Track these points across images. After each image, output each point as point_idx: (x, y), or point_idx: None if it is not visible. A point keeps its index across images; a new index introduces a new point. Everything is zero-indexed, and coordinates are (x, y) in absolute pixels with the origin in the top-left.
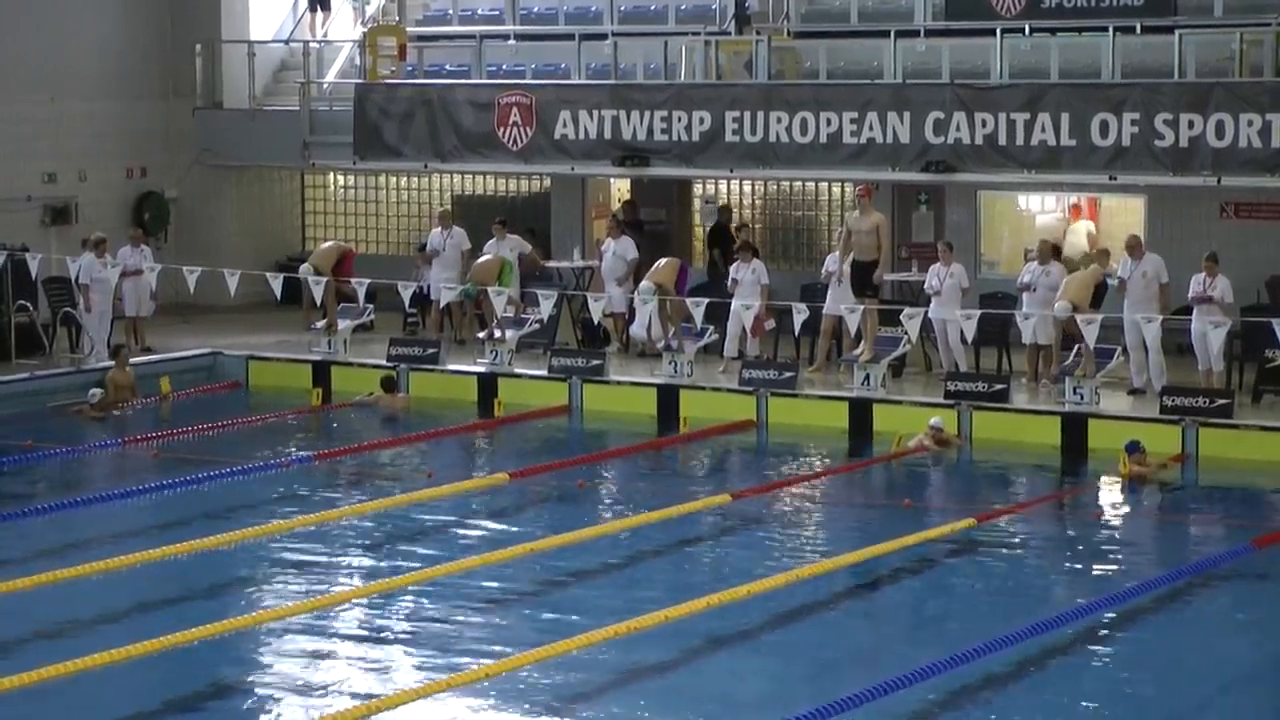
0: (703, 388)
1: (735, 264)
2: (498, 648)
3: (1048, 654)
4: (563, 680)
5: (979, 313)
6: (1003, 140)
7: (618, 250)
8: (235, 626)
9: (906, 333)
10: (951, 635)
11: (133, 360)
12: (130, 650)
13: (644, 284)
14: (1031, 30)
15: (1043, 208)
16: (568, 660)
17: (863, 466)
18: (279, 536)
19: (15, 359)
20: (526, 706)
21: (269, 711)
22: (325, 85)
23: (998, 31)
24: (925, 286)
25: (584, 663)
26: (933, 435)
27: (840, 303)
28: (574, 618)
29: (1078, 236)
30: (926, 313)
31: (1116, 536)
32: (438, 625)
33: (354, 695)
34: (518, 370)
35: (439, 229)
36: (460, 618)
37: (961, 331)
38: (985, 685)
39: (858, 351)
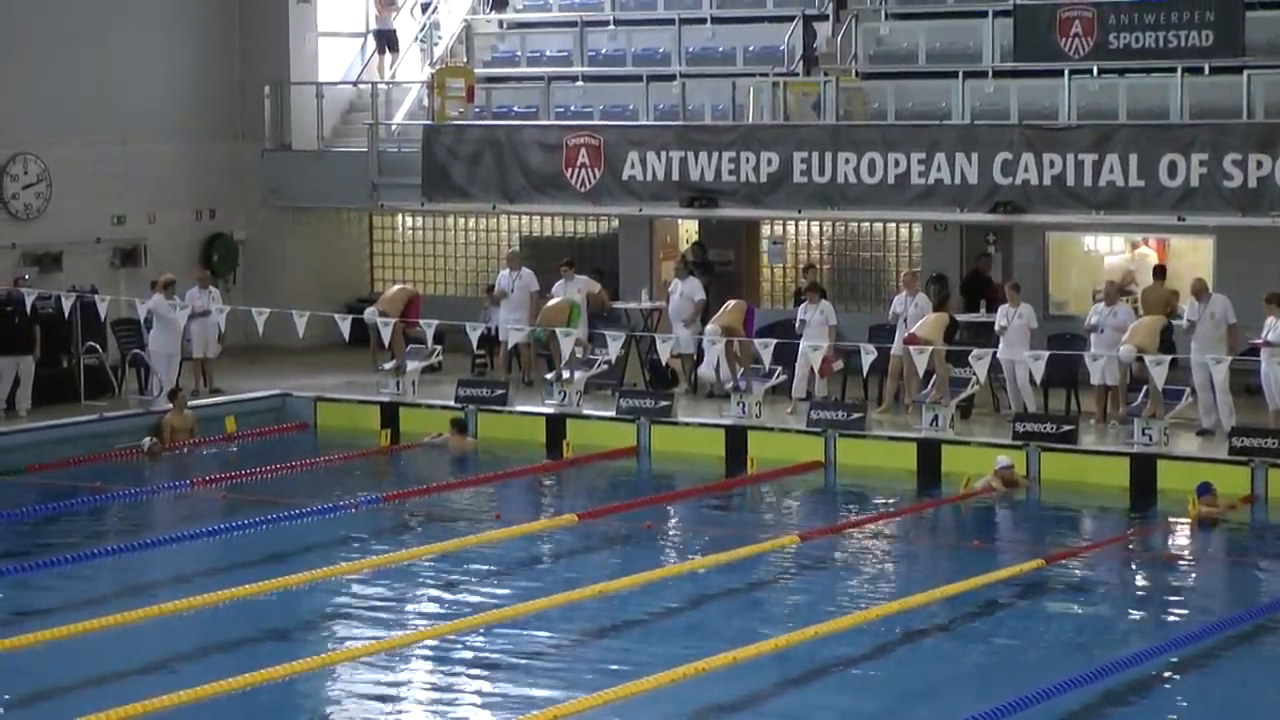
0: (770, 429)
1: (802, 305)
2: (566, 689)
3: (1117, 696)
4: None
5: (1047, 353)
6: (1071, 181)
7: (685, 291)
8: (304, 668)
9: (975, 374)
10: (1019, 677)
11: (202, 402)
12: (199, 692)
13: (711, 326)
14: (1100, 71)
15: (1110, 248)
16: (636, 702)
17: (931, 507)
18: (348, 578)
19: (84, 400)
20: None
21: None
22: (393, 126)
23: (1066, 72)
24: (996, 328)
25: (652, 704)
26: (1001, 476)
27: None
28: (642, 659)
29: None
30: (995, 354)
31: (1186, 578)
32: (506, 667)
33: None
34: (586, 411)
35: (507, 270)
36: (529, 659)
37: (1030, 372)
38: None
39: (926, 391)
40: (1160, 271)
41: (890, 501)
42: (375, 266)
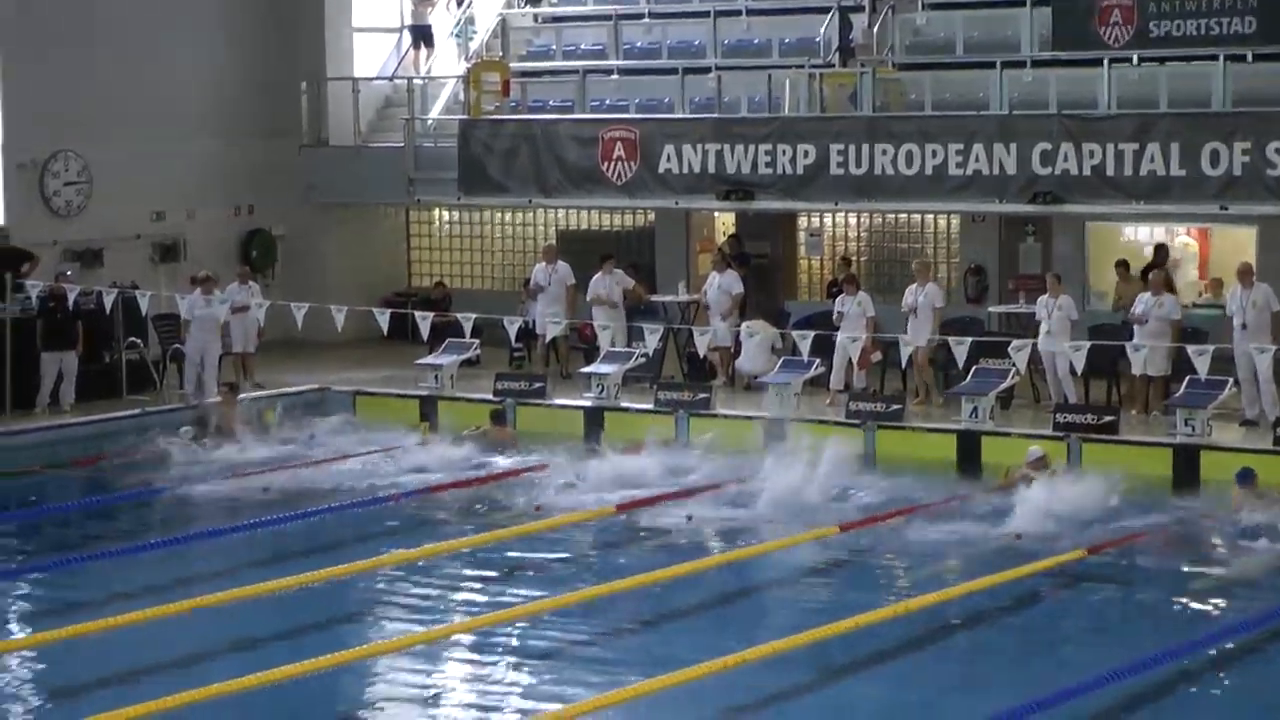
0: (809, 421)
1: (840, 297)
2: (607, 680)
3: (1159, 688)
4: (671, 714)
5: (1088, 344)
6: (1111, 171)
7: (723, 284)
8: (345, 660)
9: (1015, 365)
10: (1061, 669)
11: (241, 396)
12: (242, 683)
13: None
14: (1140, 59)
15: (1151, 238)
16: (675, 694)
17: (971, 498)
18: (389, 570)
19: (127, 395)
20: None
21: None
22: (429, 121)
23: (1105, 61)
24: (1036, 317)
25: (692, 696)
26: (1032, 465)
27: (918, 336)
28: (681, 651)
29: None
30: (1035, 344)
31: (1228, 568)
32: (547, 658)
33: None
34: (624, 404)
35: (543, 264)
36: (570, 650)
37: (1070, 363)
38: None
39: (966, 383)
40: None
41: (930, 492)
42: (413, 261)
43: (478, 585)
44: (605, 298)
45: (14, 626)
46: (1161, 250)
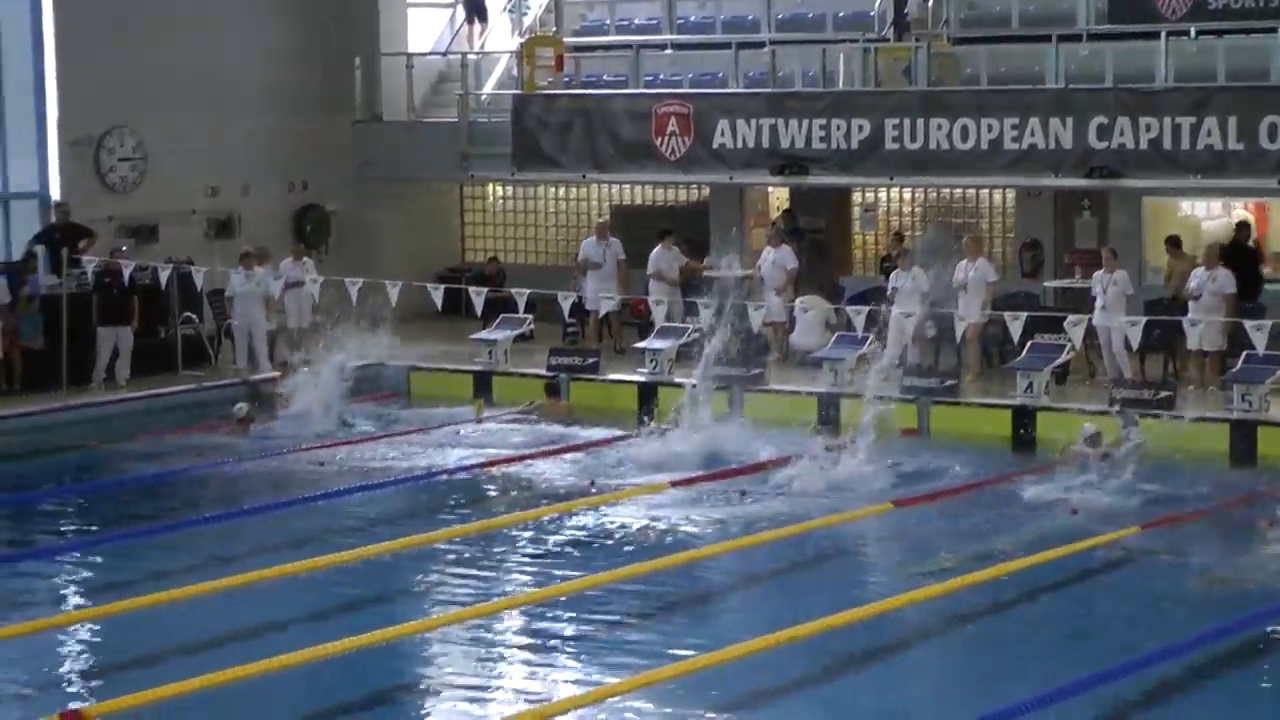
0: (863, 396)
1: (894, 272)
2: (661, 655)
3: (1214, 665)
4: (725, 688)
5: (1144, 319)
6: (1168, 145)
7: (777, 259)
8: (400, 633)
9: (1070, 340)
10: (1115, 645)
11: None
12: (298, 656)
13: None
14: (1197, 32)
15: (1209, 213)
16: (729, 669)
17: (1026, 474)
18: (443, 544)
19: (182, 370)
20: (688, 713)
21: (435, 717)
22: (483, 97)
23: (1162, 34)
24: (1091, 292)
25: (745, 671)
26: (1087, 441)
27: (969, 311)
28: (736, 625)
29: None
30: (1090, 319)
31: None
32: (602, 631)
33: (519, 699)
34: (678, 379)
35: (594, 239)
36: (624, 624)
37: (1126, 338)
38: (1149, 697)
39: (1020, 359)
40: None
41: (986, 468)
42: (466, 236)
43: (532, 560)
44: (665, 272)
45: (76, 600)
46: (1244, 227)
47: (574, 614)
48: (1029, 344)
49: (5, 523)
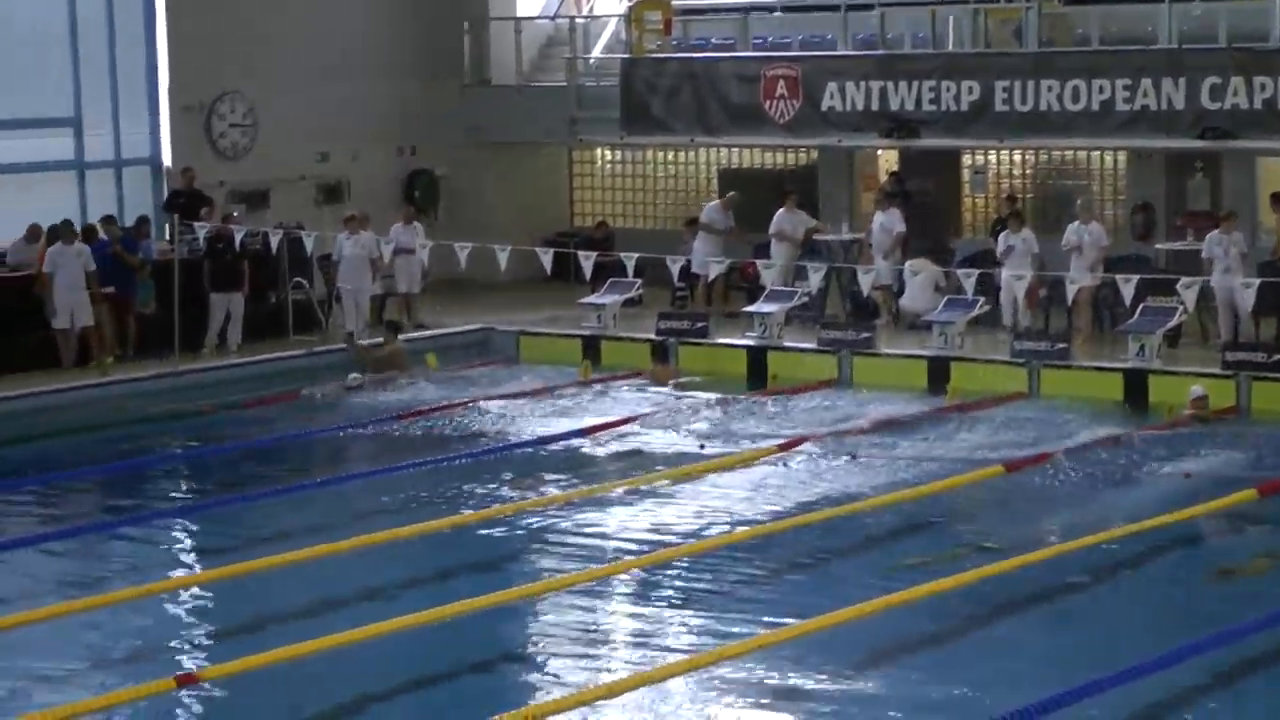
0: (973, 359)
1: (1004, 234)
2: (768, 619)
3: None
4: (832, 652)
5: (1258, 281)
6: None
7: (884, 223)
8: (507, 599)
9: (1183, 302)
10: (1231, 610)
11: (406, 336)
12: (405, 621)
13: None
14: None
15: None
16: (836, 632)
17: (1137, 437)
18: (551, 509)
19: (293, 336)
20: (796, 677)
21: (541, 683)
22: (591, 60)
23: None
24: (1204, 254)
25: (853, 634)
26: (1194, 404)
27: (1081, 274)
28: (843, 589)
29: None
30: (1206, 281)
31: None
32: (711, 596)
33: (626, 664)
34: (787, 343)
35: (719, 204)
36: (731, 589)
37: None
38: (1269, 661)
39: (1132, 320)
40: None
41: (1096, 432)
42: (575, 201)
43: (641, 524)
44: (789, 233)
45: (187, 565)
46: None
47: (687, 578)
48: (1140, 307)
49: (118, 488)
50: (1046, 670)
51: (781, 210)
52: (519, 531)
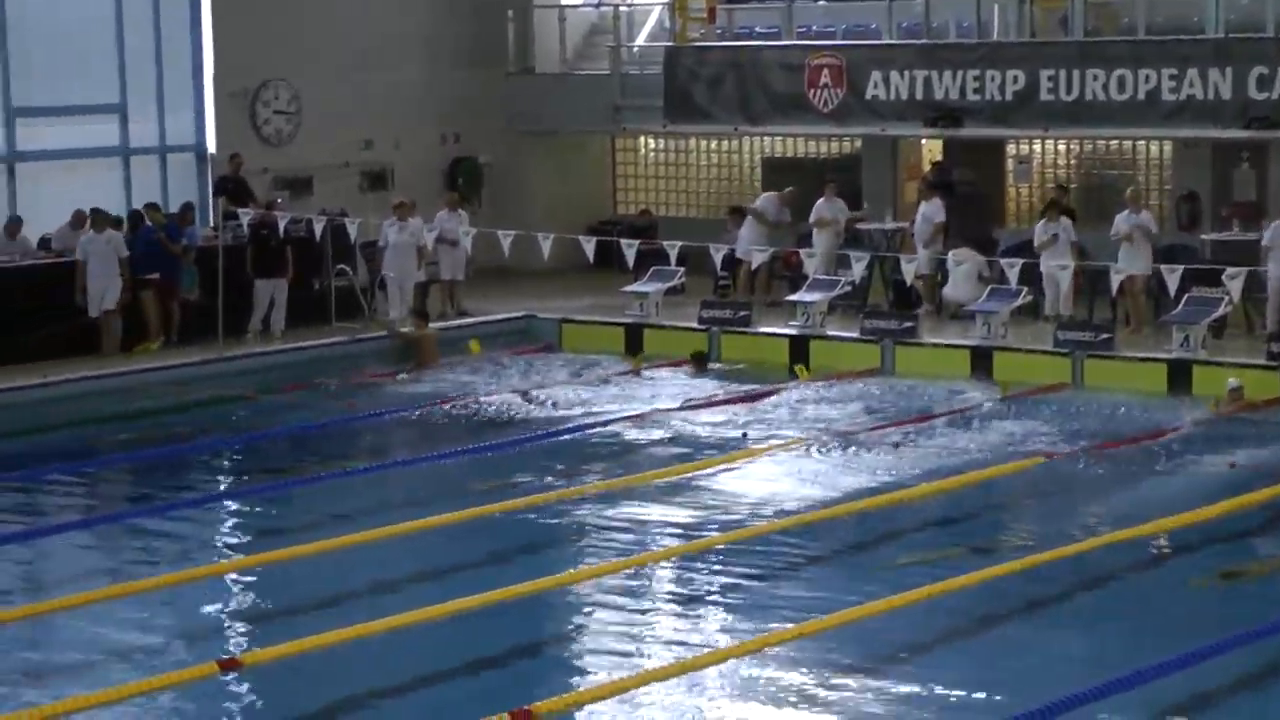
0: (1016, 349)
1: (1042, 223)
2: (811, 607)
3: None
4: (876, 641)
5: None
6: None
7: (925, 212)
8: (549, 585)
9: (1228, 293)
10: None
11: (449, 324)
12: (447, 608)
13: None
14: None
15: None
16: (880, 621)
17: (1181, 429)
18: (593, 497)
19: (335, 322)
20: (839, 666)
21: (582, 669)
22: (635, 48)
23: None
24: (1265, 242)
25: (898, 624)
26: (1231, 395)
27: (1132, 263)
28: (886, 579)
29: None
30: (1254, 271)
31: None
32: (753, 585)
33: (669, 651)
34: (829, 332)
35: (774, 195)
36: (774, 577)
37: None
38: None
39: (1175, 311)
40: None
41: (1139, 423)
42: (618, 189)
43: (682, 512)
44: (829, 220)
45: (230, 549)
46: None
47: (727, 566)
48: (1185, 297)
49: (162, 473)
50: (1081, 663)
51: (821, 199)
52: (559, 518)
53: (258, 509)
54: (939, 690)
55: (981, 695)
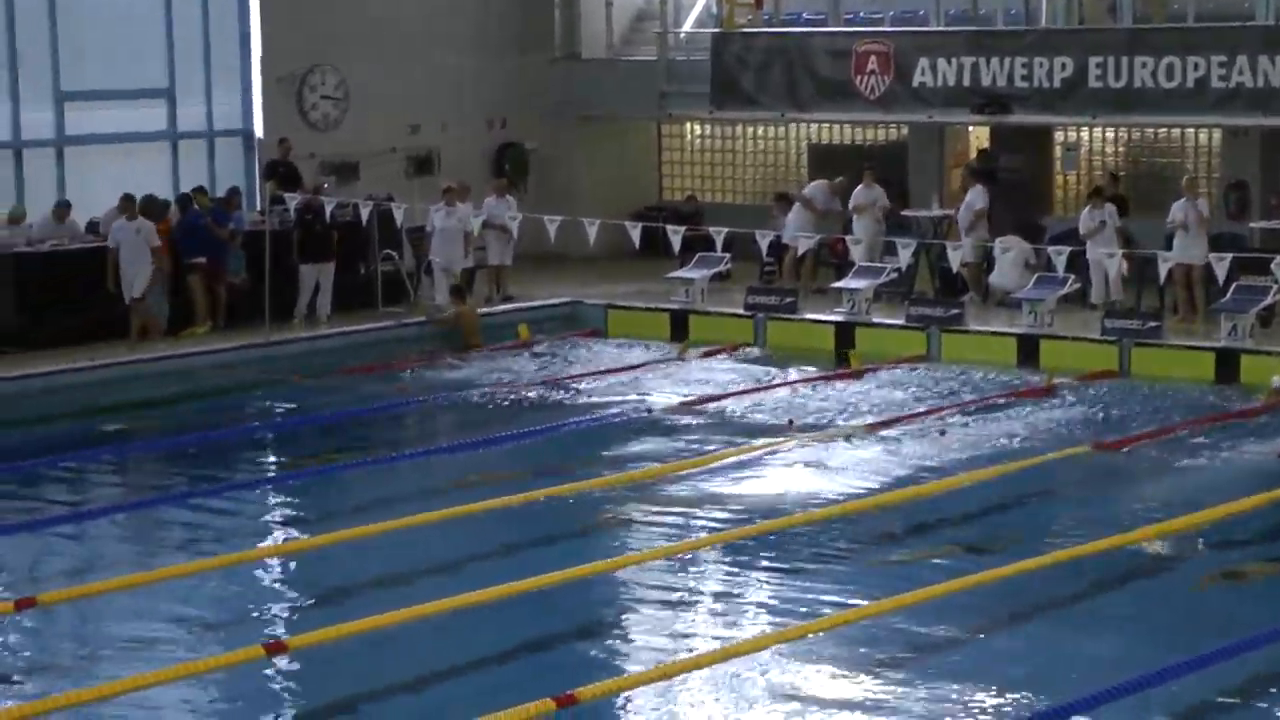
0: (1064, 337)
1: (1087, 210)
2: (849, 597)
3: None
4: (910, 633)
5: None
6: None
7: (967, 200)
8: (594, 570)
9: (1277, 282)
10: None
11: (495, 309)
12: (492, 592)
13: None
14: None
15: None
16: (912, 612)
17: (1229, 418)
18: (637, 484)
19: (382, 307)
20: (872, 656)
21: (625, 655)
22: (682, 34)
23: None
24: None
25: (934, 614)
26: (1275, 395)
27: (1187, 252)
28: (926, 569)
29: None
30: None
31: None
32: (795, 573)
33: (711, 639)
34: (875, 319)
35: (824, 183)
36: (816, 566)
37: None
38: None
39: (1225, 300)
40: None
41: (1186, 411)
42: (664, 175)
43: (728, 498)
44: (865, 205)
45: (274, 533)
46: None
47: (771, 554)
48: (1233, 286)
49: (208, 457)
50: (1118, 658)
51: (860, 186)
52: (605, 503)
53: (304, 493)
54: (982, 673)
55: (1022, 679)
